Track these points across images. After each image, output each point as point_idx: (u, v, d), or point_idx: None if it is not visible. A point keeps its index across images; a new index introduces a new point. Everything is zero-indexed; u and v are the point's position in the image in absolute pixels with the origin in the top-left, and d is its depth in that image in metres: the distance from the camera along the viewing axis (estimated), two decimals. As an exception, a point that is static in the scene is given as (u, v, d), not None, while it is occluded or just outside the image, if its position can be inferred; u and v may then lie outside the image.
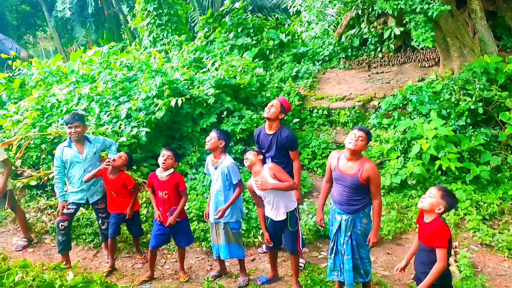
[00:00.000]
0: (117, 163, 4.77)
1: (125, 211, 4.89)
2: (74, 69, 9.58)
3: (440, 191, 3.27)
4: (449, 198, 3.26)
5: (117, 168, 4.80)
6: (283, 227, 4.21)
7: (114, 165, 4.75)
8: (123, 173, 4.90)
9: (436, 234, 3.21)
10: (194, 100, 7.61)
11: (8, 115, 8.01)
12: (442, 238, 3.19)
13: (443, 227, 3.23)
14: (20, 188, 6.41)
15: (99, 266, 5.17)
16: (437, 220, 3.27)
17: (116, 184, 4.80)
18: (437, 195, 3.26)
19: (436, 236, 3.20)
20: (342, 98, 9.15)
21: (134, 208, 5.03)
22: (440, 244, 3.19)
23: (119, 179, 4.82)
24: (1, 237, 5.67)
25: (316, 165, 7.45)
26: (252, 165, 4.13)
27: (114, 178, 4.79)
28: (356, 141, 3.68)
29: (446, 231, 3.23)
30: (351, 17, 11.60)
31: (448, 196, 3.26)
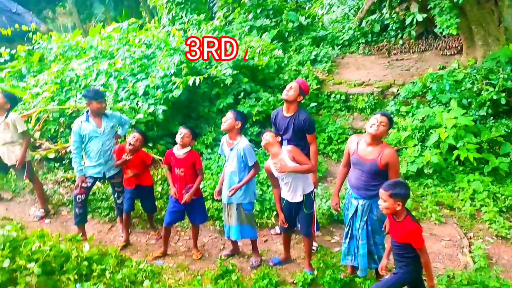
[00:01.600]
0: (135, 145, 4.77)
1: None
2: (93, 45, 9.59)
3: (386, 191, 3.20)
4: (397, 191, 3.18)
5: (135, 149, 4.80)
6: (299, 209, 4.21)
7: (134, 148, 4.75)
8: (141, 151, 4.93)
9: (411, 236, 3.19)
10: (211, 80, 7.59)
11: (27, 87, 8.08)
12: (417, 238, 3.19)
13: (415, 227, 3.20)
14: (38, 160, 6.50)
15: (113, 240, 5.24)
16: (407, 220, 3.23)
17: (134, 162, 4.81)
18: (386, 197, 3.21)
19: (411, 237, 3.19)
20: (361, 83, 9.04)
21: (146, 181, 5.04)
22: (418, 245, 3.20)
23: (138, 157, 4.84)
24: (19, 207, 5.78)
25: (332, 150, 7.40)
26: (269, 146, 4.10)
27: (133, 158, 4.80)
28: (378, 126, 3.64)
29: (418, 229, 3.20)
30: (372, 1, 11.40)
31: (395, 191, 3.18)
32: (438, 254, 4.82)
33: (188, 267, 4.55)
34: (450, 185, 6.21)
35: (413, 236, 3.19)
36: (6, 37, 11.23)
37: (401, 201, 3.19)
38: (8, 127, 5.22)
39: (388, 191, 3.19)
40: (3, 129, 5.23)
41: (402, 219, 3.25)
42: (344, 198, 4.55)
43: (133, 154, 4.80)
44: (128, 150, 4.77)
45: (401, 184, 3.25)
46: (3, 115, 5.25)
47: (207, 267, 4.59)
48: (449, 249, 4.91)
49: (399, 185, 3.23)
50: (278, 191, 4.28)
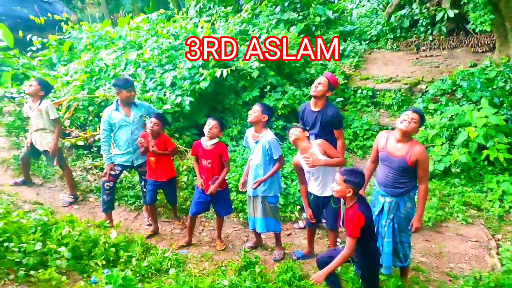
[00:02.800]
0: (154, 129, 4.78)
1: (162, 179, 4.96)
2: (122, 35, 9.71)
3: (342, 175, 3.28)
4: (351, 178, 3.25)
5: (155, 134, 4.84)
6: (326, 203, 4.20)
7: (153, 132, 4.79)
8: (163, 135, 4.96)
9: (349, 223, 3.25)
10: (238, 72, 7.60)
11: (58, 76, 8.26)
12: (353, 227, 3.21)
13: (357, 216, 3.22)
14: (68, 147, 6.65)
15: (139, 228, 5.33)
16: (353, 207, 3.29)
17: (159, 147, 4.84)
18: (340, 180, 3.28)
19: (349, 224, 3.24)
20: (388, 79, 8.93)
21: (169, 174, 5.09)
22: (350, 233, 3.23)
23: (160, 143, 4.87)
24: (49, 192, 5.92)
25: (357, 146, 7.35)
26: (298, 141, 4.08)
27: (156, 143, 4.83)
28: (409, 122, 3.58)
29: (359, 220, 3.22)
30: (402, -4, 11.21)
31: (349, 178, 3.25)
32: (464, 255, 4.75)
33: (212, 257, 4.60)
34: (478, 185, 6.10)
35: (349, 223, 3.25)
36: (38, 26, 11.50)
37: (352, 188, 3.26)
38: (41, 114, 5.35)
39: (343, 176, 3.28)
40: (36, 116, 5.37)
41: (350, 206, 3.32)
42: (369, 195, 4.53)
43: (155, 139, 4.84)
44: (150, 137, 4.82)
45: (357, 173, 3.33)
46: (37, 102, 5.38)
47: (230, 258, 4.63)
48: (475, 250, 4.83)
49: (355, 173, 3.31)
50: (305, 186, 4.27)
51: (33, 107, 5.39)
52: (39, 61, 9.76)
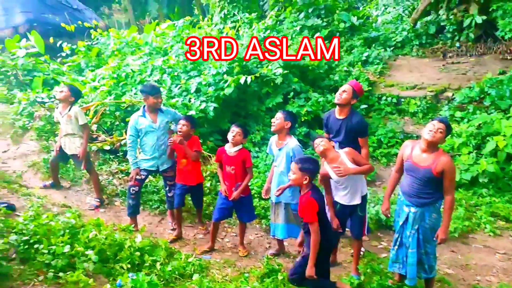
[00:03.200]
0: (184, 131, 4.89)
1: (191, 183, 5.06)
2: (148, 41, 9.89)
3: (297, 164, 3.51)
4: (306, 165, 3.49)
5: (185, 135, 4.92)
6: (353, 212, 4.18)
7: (184, 134, 4.88)
8: (193, 137, 5.06)
9: (304, 210, 3.45)
10: (262, 79, 7.65)
11: (86, 81, 8.46)
12: (307, 212, 3.42)
13: (310, 202, 3.43)
14: (95, 151, 6.79)
15: (163, 232, 5.40)
16: (306, 195, 3.49)
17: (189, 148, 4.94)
18: (296, 169, 3.50)
19: (304, 211, 3.45)
20: (413, 86, 8.83)
21: (197, 179, 5.17)
22: (308, 219, 3.44)
23: (190, 144, 4.96)
24: (76, 196, 6.06)
25: (381, 154, 7.28)
26: (327, 151, 4.04)
27: (187, 144, 4.93)
28: (435, 132, 3.54)
29: (313, 205, 3.43)
30: (429, 2, 11.10)
31: (304, 166, 3.49)
32: (492, 267, 4.64)
33: (235, 264, 4.62)
34: (506, 195, 5.96)
35: (303, 209, 3.45)
36: (68, 33, 11.81)
37: (308, 175, 3.48)
38: (70, 119, 5.49)
39: (298, 164, 3.51)
40: (66, 121, 5.52)
41: (304, 193, 3.52)
42: (394, 204, 4.48)
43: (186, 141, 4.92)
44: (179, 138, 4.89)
45: (311, 160, 3.61)
46: (67, 107, 5.53)
47: (253, 264, 4.65)
48: (504, 263, 4.72)
49: (309, 161, 3.57)
50: (331, 196, 4.23)
51: (63, 112, 5.54)
52: (68, 67, 10.02)
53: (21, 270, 3.62)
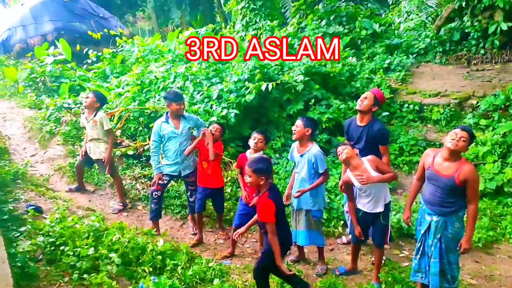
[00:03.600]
0: (216, 135, 4.99)
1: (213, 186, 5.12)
2: (171, 49, 10.07)
3: (250, 167, 3.49)
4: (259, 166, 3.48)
5: (214, 139, 5.01)
6: (375, 220, 4.16)
7: (214, 137, 4.98)
8: (218, 142, 5.15)
9: (261, 210, 3.49)
10: (283, 85, 7.68)
11: (110, 88, 8.67)
12: (264, 212, 3.46)
13: (267, 203, 3.45)
14: (118, 156, 6.93)
15: (184, 237, 5.47)
16: (263, 196, 3.49)
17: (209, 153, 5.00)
18: (250, 172, 3.50)
19: (261, 211, 3.49)
20: (436, 94, 8.72)
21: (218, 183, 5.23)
22: (265, 219, 3.46)
23: (216, 148, 5.04)
24: (100, 199, 6.20)
25: (403, 161, 7.21)
26: (351, 159, 4.05)
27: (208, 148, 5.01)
28: (457, 141, 3.51)
29: (270, 206, 3.44)
30: (452, 9, 10.96)
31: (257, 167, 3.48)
32: (517, 279, 4.55)
33: (255, 269, 4.64)
34: (532, 206, 5.82)
35: (261, 210, 3.48)
36: (94, 40, 12.12)
37: (263, 175, 3.49)
38: (96, 124, 5.65)
39: (251, 167, 3.49)
40: (91, 126, 5.67)
41: (262, 194, 3.53)
42: (415, 212, 4.45)
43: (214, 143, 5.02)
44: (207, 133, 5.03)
45: (263, 160, 3.61)
46: (92, 113, 5.68)
47: (273, 270, 4.66)
48: (529, 275, 4.61)
49: (261, 161, 3.56)
50: (354, 203, 4.23)
51: (89, 118, 5.70)
52: (94, 74, 10.28)
53: (48, 271, 3.72)
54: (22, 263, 3.52)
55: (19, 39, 13.17)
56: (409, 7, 9.71)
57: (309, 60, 8.19)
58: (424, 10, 12.11)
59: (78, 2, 14.74)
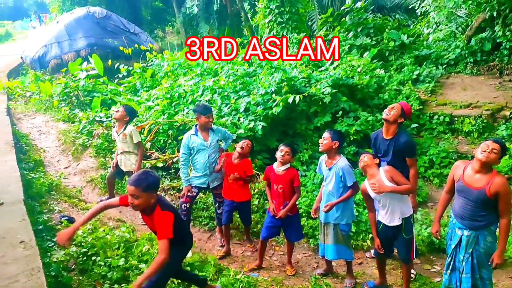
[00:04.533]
0: (245, 150, 5.06)
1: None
2: (199, 63, 10.25)
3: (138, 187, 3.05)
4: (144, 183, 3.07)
5: (243, 154, 5.07)
6: (397, 233, 4.10)
7: (243, 152, 5.04)
8: (247, 160, 5.19)
9: (157, 225, 3.15)
10: (310, 98, 7.69)
11: (141, 101, 8.88)
12: (161, 229, 3.11)
13: (163, 216, 3.14)
14: (148, 168, 7.07)
15: (212, 249, 5.52)
16: (157, 210, 3.18)
17: (238, 169, 5.06)
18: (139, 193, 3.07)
19: (157, 226, 3.14)
20: (468, 105, 8.53)
21: (245, 196, 5.27)
22: (160, 236, 3.11)
23: (243, 165, 5.10)
24: (130, 211, 6.30)
25: (433, 174, 7.07)
26: (367, 167, 4.06)
27: (238, 164, 5.07)
28: (489, 153, 3.44)
29: (169, 219, 3.14)
30: (483, 18, 10.75)
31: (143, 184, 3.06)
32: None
33: (282, 282, 4.63)
34: None
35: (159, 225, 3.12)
36: (125, 55, 12.48)
37: (154, 191, 3.15)
38: (126, 137, 5.80)
39: (140, 187, 3.06)
40: (121, 139, 5.83)
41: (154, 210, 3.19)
42: (446, 226, 4.36)
43: (240, 160, 5.09)
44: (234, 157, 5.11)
45: (145, 173, 3.16)
46: (123, 126, 5.84)
47: (300, 284, 4.64)
48: None
49: (144, 176, 3.12)
50: (374, 214, 4.21)
51: (119, 131, 5.86)
52: (124, 88, 10.56)
53: (80, 280, 3.83)
54: (56, 272, 3.63)
55: (54, 55, 13.69)
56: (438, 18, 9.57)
57: (336, 72, 8.20)
58: (454, 20, 11.91)
59: (110, 19, 15.25)
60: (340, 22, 12.29)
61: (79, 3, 21.14)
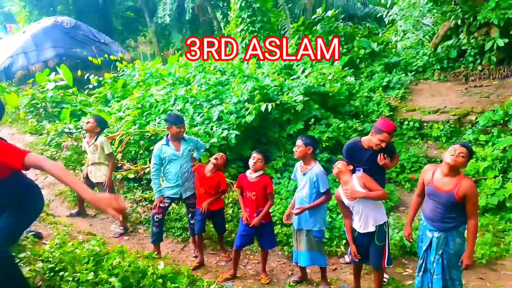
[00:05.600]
0: (219, 162, 5.01)
1: (205, 207, 5.03)
2: (171, 72, 10.17)
3: None
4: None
5: (217, 166, 5.03)
6: (371, 240, 4.13)
7: (217, 164, 4.99)
8: (220, 173, 5.14)
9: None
10: (282, 106, 7.73)
11: (112, 112, 8.74)
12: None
13: None
14: (119, 180, 6.94)
15: (186, 260, 5.43)
16: None
17: (211, 182, 5.01)
18: None
19: None
20: (436, 111, 8.75)
21: (217, 204, 5.22)
22: None
23: (216, 178, 5.05)
24: (102, 223, 6.18)
25: (405, 179, 7.19)
26: (341, 174, 4.11)
27: (211, 176, 5.02)
28: (456, 156, 3.52)
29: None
30: (449, 27, 11.06)
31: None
32: (523, 295, 4.48)
33: (257, 291, 4.61)
34: (536, 220, 5.78)
35: None
36: (95, 66, 12.28)
37: None
38: (96, 148, 5.68)
39: None
40: (92, 151, 5.71)
41: None
42: (417, 229, 4.41)
43: (213, 173, 5.02)
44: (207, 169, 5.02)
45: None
46: (93, 137, 5.73)
47: (275, 292, 4.62)
48: (535, 291, 4.55)
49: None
50: (350, 221, 4.23)
51: (90, 142, 5.74)
52: (95, 98, 10.38)
53: (47, 297, 3.69)
54: (22, 289, 3.48)
55: (21, 66, 13.34)
56: (405, 26, 9.81)
57: (308, 80, 8.28)
58: (421, 28, 12.23)
59: (79, 28, 15.00)
60: (312, 30, 12.43)
61: (47, 13, 20.71)
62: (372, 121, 8.22)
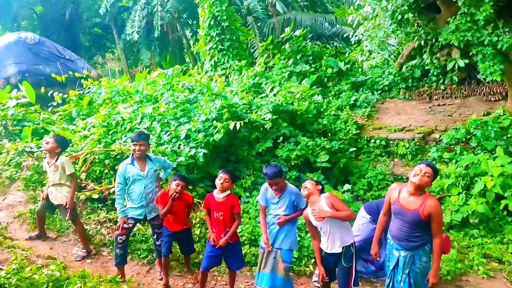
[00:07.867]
0: (180, 193, 4.83)
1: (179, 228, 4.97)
2: (139, 89, 10.02)
3: None
4: None
5: (180, 195, 4.88)
6: (337, 261, 4.11)
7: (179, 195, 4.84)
8: (185, 193, 5.03)
9: None
10: (251, 124, 7.73)
11: (76, 130, 8.50)
12: None
13: None
14: (83, 200, 6.71)
15: (151, 283, 5.25)
16: None
17: (178, 206, 4.90)
18: None
19: None
20: (401, 129, 8.95)
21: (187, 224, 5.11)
22: None
23: (181, 201, 4.95)
24: (63, 247, 5.92)
25: (372, 196, 7.26)
26: (310, 195, 4.10)
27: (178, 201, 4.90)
28: (422, 176, 3.57)
29: None
30: (413, 47, 11.43)
31: None
32: (487, 312, 4.54)
33: (224, 314, 4.49)
34: (498, 236, 5.92)
35: None
36: (60, 83, 11.99)
37: None
38: (57, 169, 5.46)
39: None
40: (53, 171, 5.48)
41: None
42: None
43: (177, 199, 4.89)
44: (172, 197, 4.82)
45: None
46: (54, 157, 5.51)
47: (243, 314, 4.51)
48: (499, 307, 4.62)
49: None
50: (318, 242, 4.21)
51: (51, 163, 5.52)
52: (59, 116, 10.09)
53: (1, 327, 3.48)
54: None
55: (-19, 83, 12.87)
56: (370, 46, 10.07)
57: (276, 99, 8.32)
58: (386, 48, 12.58)
59: (43, 45, 14.63)
60: (280, 49, 12.59)
61: (10, 29, 20.24)
62: (340, 139, 8.32)
